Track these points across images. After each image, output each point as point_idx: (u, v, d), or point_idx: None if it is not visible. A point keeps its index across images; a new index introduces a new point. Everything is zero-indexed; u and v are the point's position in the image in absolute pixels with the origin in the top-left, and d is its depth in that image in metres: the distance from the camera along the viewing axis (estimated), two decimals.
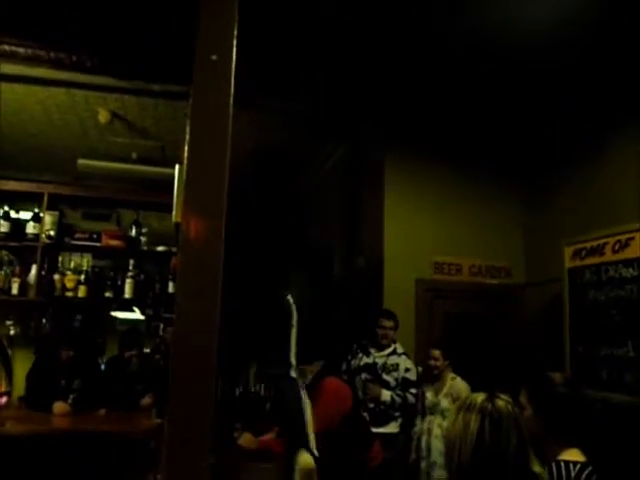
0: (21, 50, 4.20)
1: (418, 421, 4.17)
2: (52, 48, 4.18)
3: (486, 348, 4.64)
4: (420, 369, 4.37)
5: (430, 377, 4.19)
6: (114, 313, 4.77)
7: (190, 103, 1.95)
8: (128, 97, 4.91)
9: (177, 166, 2.34)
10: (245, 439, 3.02)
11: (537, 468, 1.51)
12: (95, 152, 5.83)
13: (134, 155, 5.51)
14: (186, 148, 1.89)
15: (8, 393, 4.03)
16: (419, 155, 4.84)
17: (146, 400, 4.17)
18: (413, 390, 4.18)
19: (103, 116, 5.14)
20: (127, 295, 3.99)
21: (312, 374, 3.01)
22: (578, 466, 1.76)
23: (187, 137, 1.89)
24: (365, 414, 3.89)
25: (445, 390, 4.04)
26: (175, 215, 2.18)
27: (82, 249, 3.97)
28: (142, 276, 3.93)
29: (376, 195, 4.73)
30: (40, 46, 4.16)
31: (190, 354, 1.78)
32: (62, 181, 4.13)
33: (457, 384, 4.03)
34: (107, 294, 3.97)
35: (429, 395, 4.14)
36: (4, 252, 3.91)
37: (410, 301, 4.63)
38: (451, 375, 4.10)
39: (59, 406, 3.89)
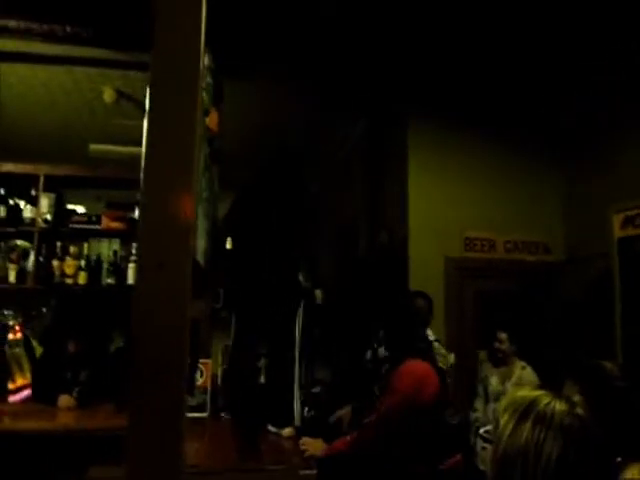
0: (12, 23, 3.97)
1: (479, 405, 3.86)
2: (44, 20, 3.94)
3: (523, 332, 4.22)
4: (452, 356, 4.03)
5: (494, 360, 3.86)
6: None
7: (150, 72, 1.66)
8: (133, 73, 4.65)
9: None
10: (313, 445, 2.70)
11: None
12: (106, 136, 5.63)
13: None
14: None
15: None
16: (446, 125, 4.42)
17: None
18: (448, 380, 3.84)
19: (108, 95, 4.89)
20: (130, 281, 3.75)
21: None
22: None
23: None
24: None
25: (514, 379, 3.72)
26: None
27: (81, 233, 3.73)
28: None
29: (399, 167, 4.34)
30: (31, 18, 3.93)
31: (154, 337, 1.49)
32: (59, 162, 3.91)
33: (528, 375, 3.70)
34: (109, 280, 3.74)
35: (494, 382, 3.82)
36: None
37: (438, 281, 4.23)
38: (521, 364, 3.77)
39: (64, 399, 3.69)
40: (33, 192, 3.69)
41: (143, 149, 1.77)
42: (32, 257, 3.59)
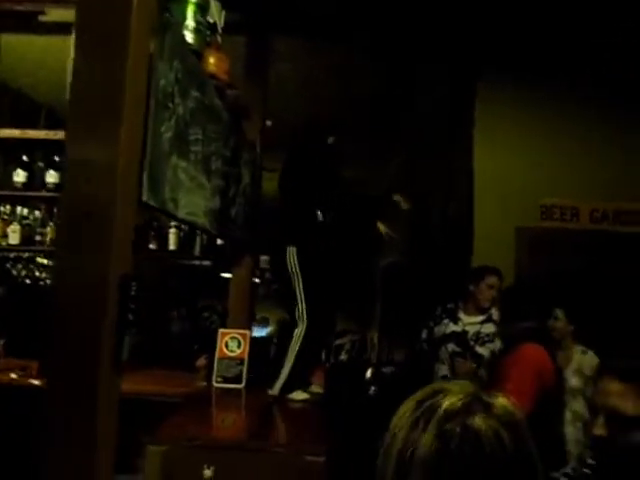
0: None
1: None
2: None
3: (614, 317, 3.60)
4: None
5: (547, 341, 3.39)
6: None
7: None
8: None
9: None
10: None
11: None
12: None
13: None
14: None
15: None
16: (522, 77, 3.83)
17: (201, 361, 3.86)
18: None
19: None
20: (172, 247, 3.68)
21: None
22: None
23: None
24: None
25: (574, 365, 3.26)
26: None
27: None
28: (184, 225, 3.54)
29: (464, 121, 3.83)
30: None
31: (76, 320, 1.34)
32: None
33: (589, 360, 3.22)
34: (151, 246, 3.69)
35: None
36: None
37: (508, 256, 3.71)
38: (580, 348, 3.31)
39: None
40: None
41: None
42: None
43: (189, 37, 2.10)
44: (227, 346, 3.47)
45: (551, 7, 3.55)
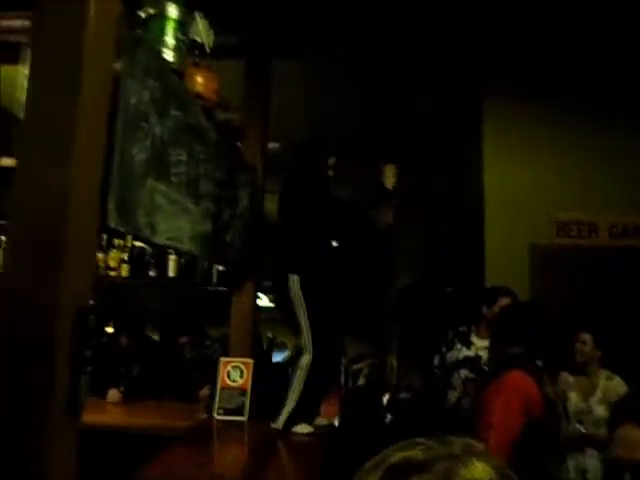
0: None
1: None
2: None
3: (612, 335, 3.37)
4: (540, 364, 3.35)
5: (571, 366, 3.21)
6: None
7: None
8: None
9: None
10: None
11: None
12: None
13: None
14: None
15: None
16: (533, 91, 3.69)
17: (204, 391, 3.73)
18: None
19: None
20: (171, 273, 3.58)
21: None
22: None
23: None
24: None
25: (599, 394, 3.08)
26: None
27: None
28: None
29: (472, 134, 3.68)
30: None
31: (25, 357, 1.23)
32: None
33: (616, 387, 3.03)
34: (151, 273, 3.60)
35: (574, 397, 3.15)
36: None
37: (522, 274, 3.52)
38: (606, 373, 3.12)
39: (112, 394, 3.65)
40: None
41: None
42: None
43: (168, 55, 2.01)
44: (229, 376, 3.34)
45: (556, 18, 3.41)
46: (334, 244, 3.08)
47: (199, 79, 2.34)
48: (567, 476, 3.07)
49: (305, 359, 2.89)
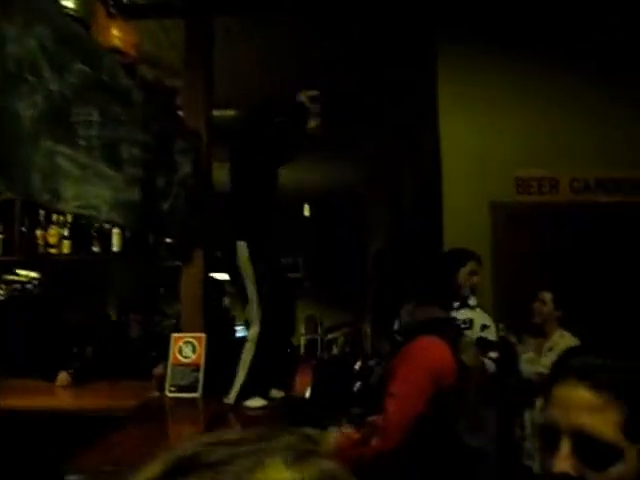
0: None
1: None
2: None
3: (601, 298, 3.28)
4: (502, 326, 3.31)
5: (529, 326, 3.18)
6: None
7: None
8: None
9: None
10: None
11: None
12: None
13: None
14: None
15: None
16: (492, 39, 3.50)
17: (159, 369, 3.59)
18: (493, 354, 3.15)
19: None
20: (116, 248, 3.40)
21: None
22: None
23: None
24: None
25: (549, 344, 3.10)
26: None
27: None
28: None
29: (426, 88, 3.50)
30: None
31: None
32: None
33: (567, 342, 2.95)
34: (94, 248, 3.42)
35: (526, 358, 3.16)
36: None
37: (483, 233, 3.39)
38: (559, 332, 3.08)
39: (62, 378, 3.50)
40: None
41: None
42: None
43: (68, 1, 1.80)
44: (181, 352, 3.21)
45: None
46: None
47: (115, 32, 2.13)
48: (522, 433, 3.04)
49: (253, 331, 2.76)
